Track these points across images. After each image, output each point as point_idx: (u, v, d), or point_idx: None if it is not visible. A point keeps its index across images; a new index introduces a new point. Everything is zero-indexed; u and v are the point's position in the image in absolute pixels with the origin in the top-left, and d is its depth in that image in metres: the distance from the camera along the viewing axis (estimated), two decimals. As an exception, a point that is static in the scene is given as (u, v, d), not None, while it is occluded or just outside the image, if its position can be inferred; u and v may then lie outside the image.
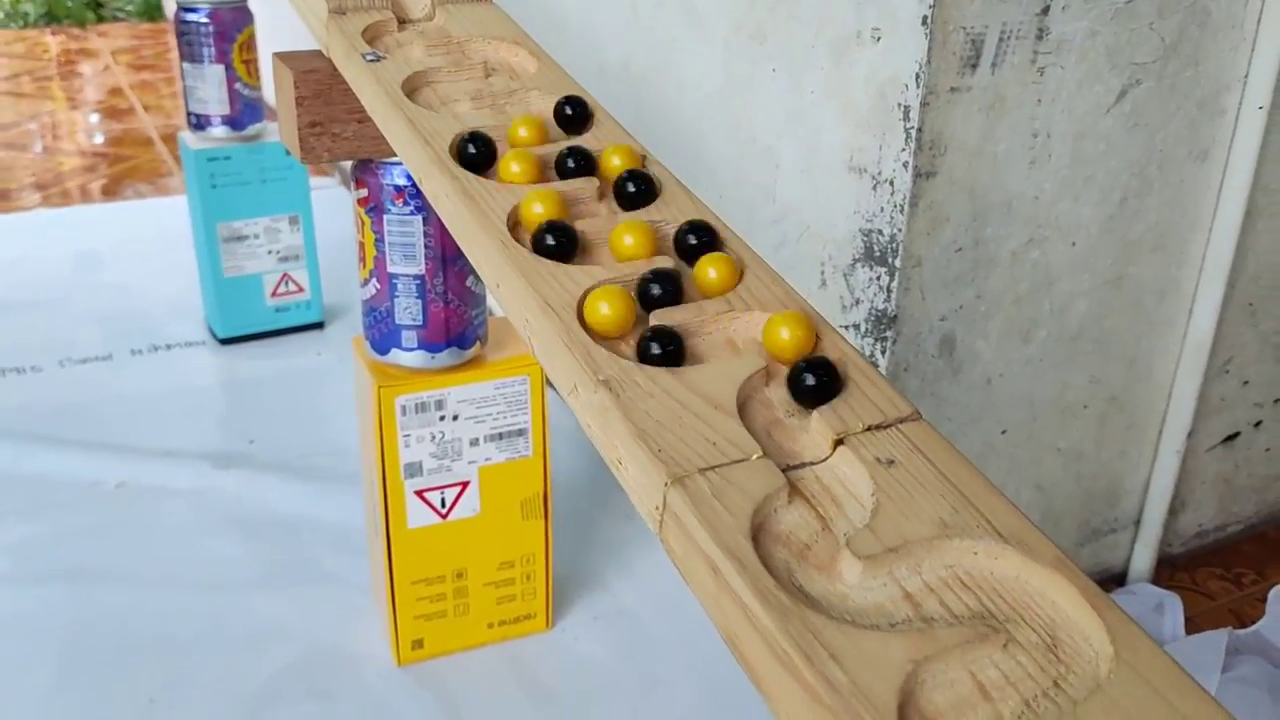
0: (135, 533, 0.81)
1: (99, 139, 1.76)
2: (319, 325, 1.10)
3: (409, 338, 0.62)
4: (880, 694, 0.26)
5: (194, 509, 0.83)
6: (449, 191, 0.43)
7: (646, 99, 0.77)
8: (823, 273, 0.64)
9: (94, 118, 1.85)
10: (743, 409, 0.34)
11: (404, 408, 0.63)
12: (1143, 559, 0.78)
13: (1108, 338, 0.69)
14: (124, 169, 1.64)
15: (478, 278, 0.62)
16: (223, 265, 1.04)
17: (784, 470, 0.32)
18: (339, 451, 0.89)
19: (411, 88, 0.50)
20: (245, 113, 1.02)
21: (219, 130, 1.02)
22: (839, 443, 0.33)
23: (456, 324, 0.63)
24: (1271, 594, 0.74)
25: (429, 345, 0.63)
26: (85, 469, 0.87)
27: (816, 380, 0.34)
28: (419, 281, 0.61)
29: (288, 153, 1.06)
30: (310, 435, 0.93)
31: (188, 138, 1.02)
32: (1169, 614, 0.72)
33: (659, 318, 0.37)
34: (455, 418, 0.65)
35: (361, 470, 0.69)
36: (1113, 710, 0.25)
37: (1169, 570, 0.80)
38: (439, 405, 0.64)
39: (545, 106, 0.49)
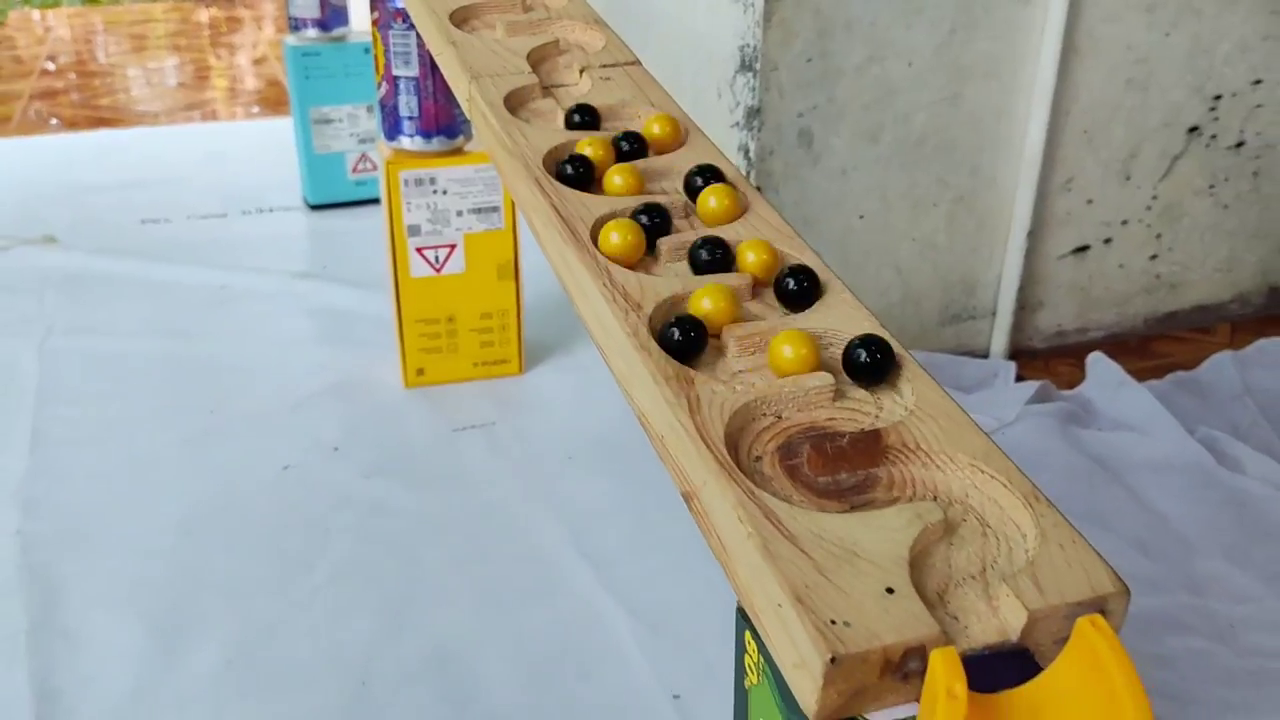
0: (227, 315, 1.06)
1: (237, 78, 2.06)
2: (390, 197, 1.34)
3: (409, 126, 0.86)
4: (542, 149, 0.47)
5: (273, 302, 1.09)
6: (418, 11, 0.66)
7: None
8: (717, 87, 0.85)
9: (235, 63, 2.16)
10: (536, 65, 0.56)
11: (406, 181, 0.86)
12: (999, 344, 0.95)
13: (950, 146, 0.87)
14: (254, 98, 1.94)
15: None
16: (314, 144, 1.30)
17: (543, 86, 0.54)
18: (390, 275, 1.13)
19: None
20: (333, 17, 1.28)
21: (312, 32, 1.28)
22: (582, 71, 0.55)
23: (444, 117, 0.86)
24: (1090, 358, 0.91)
25: (424, 133, 0.86)
26: (196, 277, 1.14)
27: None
28: (415, 82, 0.84)
29: (366, 50, 1.32)
30: (370, 266, 1.17)
31: (288, 39, 1.29)
32: (1001, 375, 0.90)
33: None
34: (445, 192, 0.88)
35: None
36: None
37: (1028, 359, 0.97)
38: (432, 181, 0.87)
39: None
